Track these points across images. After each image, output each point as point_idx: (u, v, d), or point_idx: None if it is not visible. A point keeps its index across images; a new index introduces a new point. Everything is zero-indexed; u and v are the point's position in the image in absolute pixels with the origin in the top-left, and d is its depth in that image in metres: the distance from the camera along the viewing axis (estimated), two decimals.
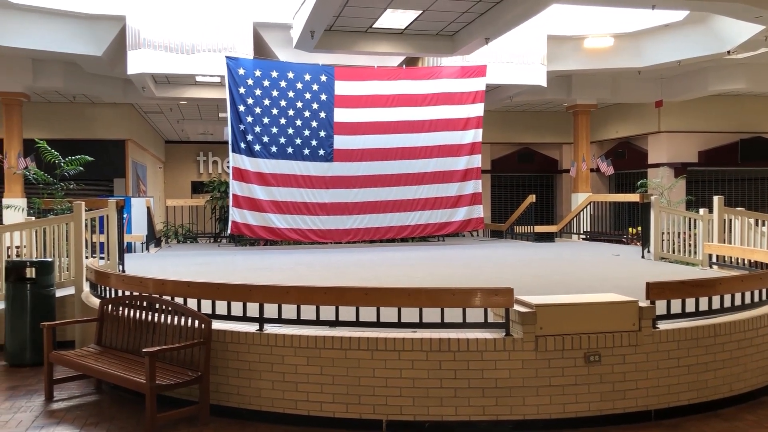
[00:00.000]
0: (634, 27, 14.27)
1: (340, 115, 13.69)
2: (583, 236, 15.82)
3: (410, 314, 5.22)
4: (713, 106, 18.91)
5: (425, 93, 14.11)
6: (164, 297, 5.82)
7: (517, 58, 14.34)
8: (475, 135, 14.59)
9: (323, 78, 13.60)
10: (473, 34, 11.69)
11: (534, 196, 15.81)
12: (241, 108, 13.15)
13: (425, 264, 10.94)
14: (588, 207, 15.81)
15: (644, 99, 18.16)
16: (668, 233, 11.21)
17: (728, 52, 13.12)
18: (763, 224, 9.96)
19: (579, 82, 17.27)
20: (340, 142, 13.76)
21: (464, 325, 5.17)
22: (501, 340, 4.96)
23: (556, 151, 22.76)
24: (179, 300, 5.76)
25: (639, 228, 12.73)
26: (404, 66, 14.63)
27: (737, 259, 9.13)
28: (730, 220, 10.03)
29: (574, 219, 16.17)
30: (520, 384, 4.93)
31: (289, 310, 5.42)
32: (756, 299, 6.02)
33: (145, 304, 5.88)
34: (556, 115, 21.54)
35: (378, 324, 5.23)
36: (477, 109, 14.49)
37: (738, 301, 5.86)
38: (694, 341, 5.27)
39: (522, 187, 22.07)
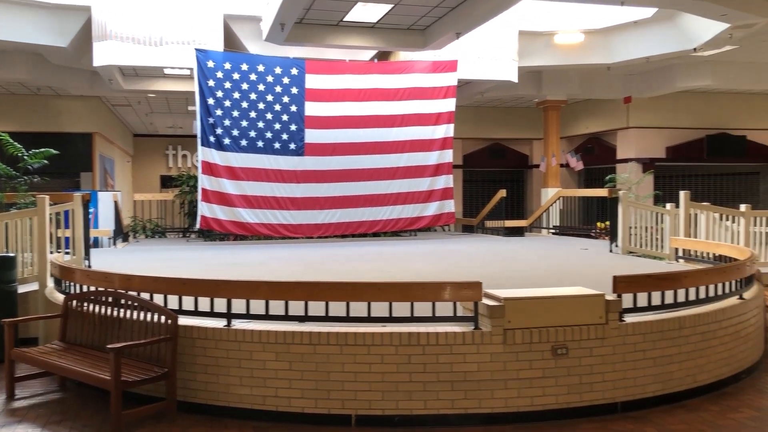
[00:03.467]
0: (603, 23, 14.41)
1: (312, 108, 13.61)
2: (553, 231, 15.97)
3: (381, 309, 5.21)
4: (680, 102, 19.21)
5: (397, 87, 14.10)
6: (130, 292, 5.72)
7: (488, 53, 14.40)
8: (446, 130, 14.63)
9: (294, 71, 13.50)
10: (444, 28, 11.70)
11: (505, 191, 15.93)
12: (211, 101, 13.00)
13: (397, 258, 10.95)
14: (557, 202, 15.97)
15: (613, 95, 18.38)
16: (636, 227, 11.36)
17: (695, 49, 13.31)
18: (728, 219, 10.14)
19: (549, 78, 17.40)
20: (312, 136, 13.68)
21: (434, 318, 5.17)
22: (470, 334, 4.97)
23: (526, 147, 22.92)
24: (145, 295, 5.67)
25: (607, 222, 12.88)
26: (376, 60, 14.59)
27: (702, 252, 9.29)
28: (696, 215, 10.20)
29: (544, 214, 16.33)
30: (488, 377, 4.94)
31: (257, 306, 5.37)
32: (720, 292, 6.12)
33: (110, 299, 5.78)
34: (527, 110, 21.69)
35: (348, 319, 5.20)
36: (448, 104, 14.51)
37: (702, 294, 5.96)
38: (659, 334, 5.34)
39: (493, 182, 22.19)
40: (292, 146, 13.57)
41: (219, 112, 13.04)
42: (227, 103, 13.10)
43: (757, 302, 6.57)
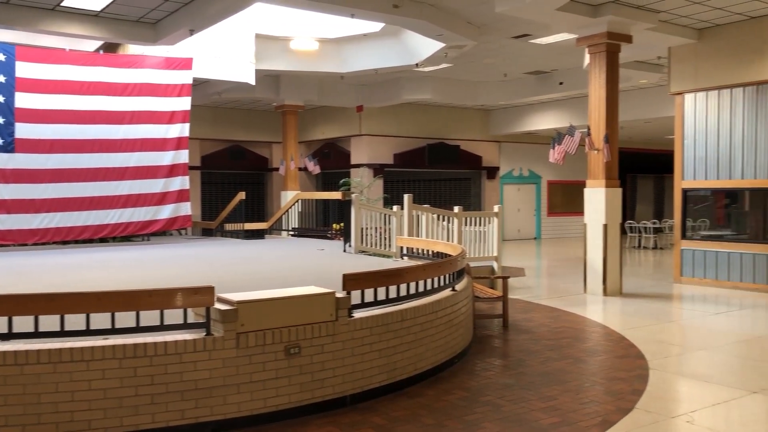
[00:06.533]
0: (337, 33, 15.04)
1: (23, 100, 12.16)
2: (292, 233, 16.26)
3: (103, 321, 4.79)
4: (406, 113, 20.89)
5: (126, 82, 13.24)
6: None
7: (225, 53, 14.18)
8: (181, 129, 14.11)
9: (1, 57, 11.95)
10: (177, 24, 11.24)
11: (244, 193, 15.83)
12: None
13: (126, 266, 10.25)
14: (296, 204, 16.30)
15: (347, 103, 19.33)
16: (367, 228, 12.04)
17: (416, 64, 14.55)
18: (444, 219, 11.23)
19: (287, 83, 17.71)
20: (24, 130, 12.22)
21: (162, 327, 4.90)
22: (201, 340, 4.81)
23: (266, 150, 23.06)
24: None
25: (342, 224, 13.47)
26: (101, 52, 13.51)
27: (423, 250, 10.16)
28: (418, 216, 11.13)
29: (284, 216, 16.55)
30: (221, 383, 4.83)
31: None
32: (436, 285, 6.73)
33: None
34: (266, 113, 21.83)
35: (62, 333, 4.70)
36: (183, 103, 14.01)
37: (422, 288, 6.50)
38: (384, 327, 5.70)
39: (234, 184, 21.93)
40: (0, 142, 11.97)
41: None
42: None
43: (467, 293, 7.37)
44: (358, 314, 5.59)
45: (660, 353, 7.21)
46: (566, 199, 24.95)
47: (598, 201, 11.29)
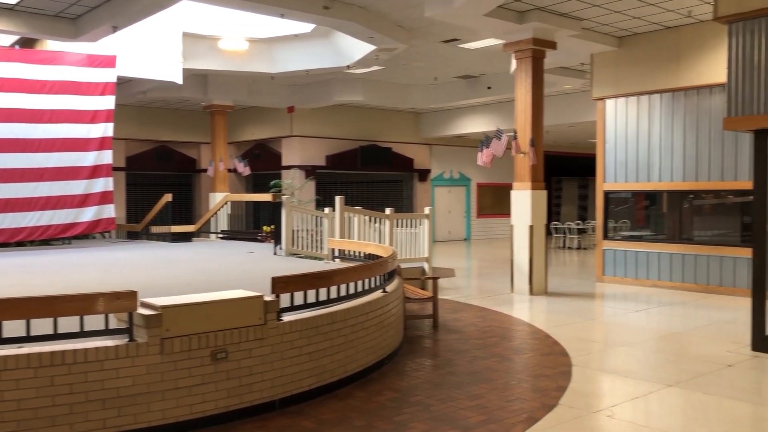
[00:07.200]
0: (267, 34, 14.86)
1: None
2: (221, 235, 15.97)
3: (17, 328, 4.57)
4: (338, 115, 20.85)
5: (44, 80, 12.70)
6: None
7: (151, 51, 13.80)
8: (105, 129, 13.64)
9: None
10: (99, 20, 10.85)
11: (170, 195, 15.43)
12: None
13: (47, 270, 9.84)
14: (226, 206, 16.01)
15: (278, 104, 19.14)
16: (299, 230, 11.95)
17: (348, 66, 14.55)
18: (376, 221, 11.27)
19: (215, 83, 17.39)
20: None
21: (82, 334, 4.72)
22: (124, 347, 4.66)
23: (194, 150, 22.57)
24: None
25: (273, 226, 13.31)
26: (18, 47, 12.90)
27: (355, 251, 10.16)
28: (350, 218, 11.13)
29: (213, 218, 16.24)
30: (145, 390, 4.69)
31: None
32: (367, 287, 6.73)
33: None
34: (194, 113, 21.37)
35: None
36: (107, 102, 13.55)
37: (353, 290, 6.49)
38: (314, 329, 5.66)
39: (160, 186, 21.30)
40: None
41: None
42: None
43: (397, 294, 7.41)
44: (287, 317, 5.53)
45: (583, 350, 7.45)
46: (495, 201, 25.47)
47: (524, 203, 11.57)
